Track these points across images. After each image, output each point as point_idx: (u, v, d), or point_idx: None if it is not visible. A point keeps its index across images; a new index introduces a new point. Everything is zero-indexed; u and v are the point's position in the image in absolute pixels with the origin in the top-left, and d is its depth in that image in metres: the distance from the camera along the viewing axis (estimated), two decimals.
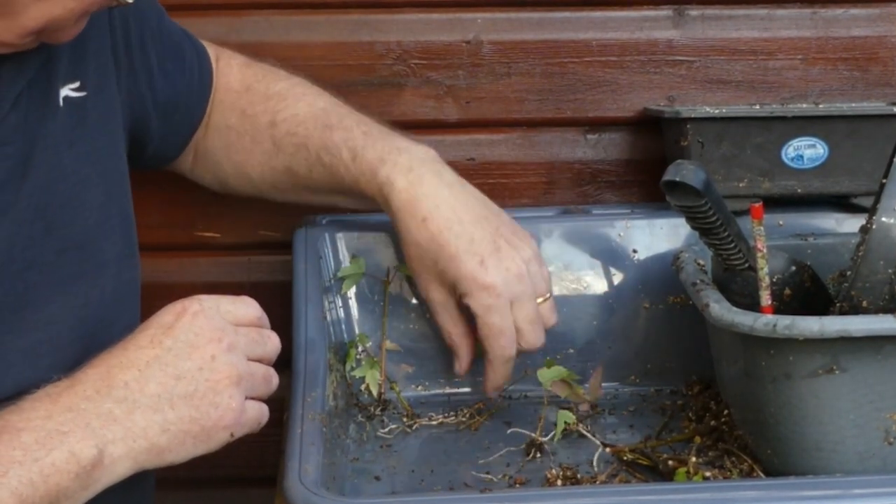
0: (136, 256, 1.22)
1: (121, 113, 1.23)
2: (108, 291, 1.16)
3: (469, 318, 1.29)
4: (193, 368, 1.04)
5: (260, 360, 1.10)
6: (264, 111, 1.36)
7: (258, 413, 1.08)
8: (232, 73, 1.39)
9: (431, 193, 1.26)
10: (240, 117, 1.37)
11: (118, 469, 0.99)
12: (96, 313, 1.14)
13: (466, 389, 1.38)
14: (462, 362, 1.32)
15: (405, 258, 1.30)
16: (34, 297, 1.09)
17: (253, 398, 1.07)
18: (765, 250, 1.15)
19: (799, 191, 1.42)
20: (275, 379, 1.11)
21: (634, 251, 1.41)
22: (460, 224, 1.25)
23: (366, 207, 1.36)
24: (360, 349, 1.37)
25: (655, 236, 1.41)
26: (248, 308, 1.11)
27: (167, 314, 1.06)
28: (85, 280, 1.13)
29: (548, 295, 1.29)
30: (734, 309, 1.10)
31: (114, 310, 1.16)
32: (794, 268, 1.23)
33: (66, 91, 1.14)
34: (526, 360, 1.38)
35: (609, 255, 1.41)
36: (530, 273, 1.26)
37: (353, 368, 1.34)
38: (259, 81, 1.38)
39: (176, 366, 1.03)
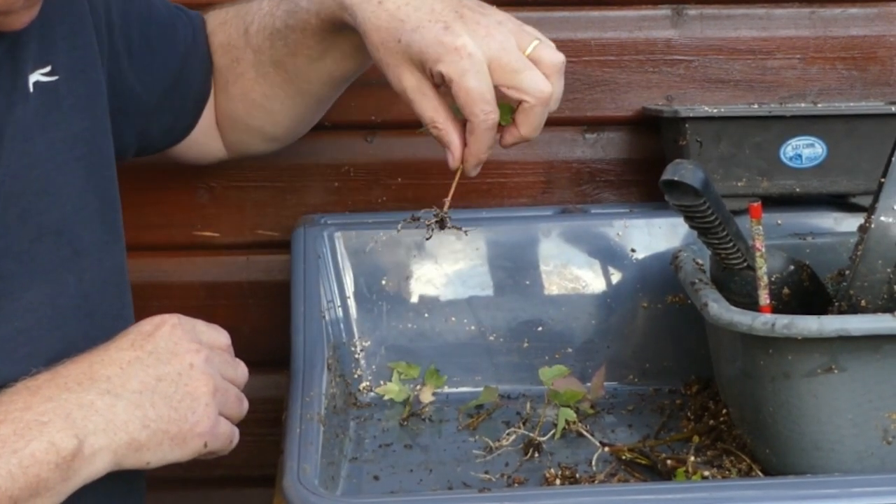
0: (119, 243, 1.21)
1: (106, 95, 1.21)
2: (88, 279, 1.14)
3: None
4: (173, 373, 1.04)
5: (231, 383, 1.10)
6: (236, 29, 1.34)
7: (230, 431, 1.08)
8: (210, 21, 1.37)
9: None
10: (223, 53, 1.35)
11: (98, 462, 0.99)
12: (75, 301, 1.13)
13: (466, 389, 1.38)
14: (454, 150, 1.19)
15: (371, 53, 1.21)
16: (10, 285, 1.08)
17: (225, 416, 1.08)
18: (763, 249, 1.15)
19: (797, 190, 1.42)
20: (245, 403, 1.11)
21: (633, 250, 1.41)
22: None
23: (359, 61, 1.30)
24: (358, 348, 1.37)
25: (654, 236, 1.41)
26: (219, 335, 1.13)
27: (146, 324, 1.08)
28: (63, 268, 1.12)
29: (535, 42, 1.16)
30: (733, 308, 1.10)
31: (95, 298, 1.15)
32: (792, 267, 1.23)
33: (36, 76, 1.12)
34: (526, 360, 1.39)
35: (607, 255, 1.41)
36: (507, 29, 1.15)
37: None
38: (229, 11, 1.36)
39: (157, 368, 1.04)
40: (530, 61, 1.15)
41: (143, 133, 1.32)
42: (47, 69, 1.13)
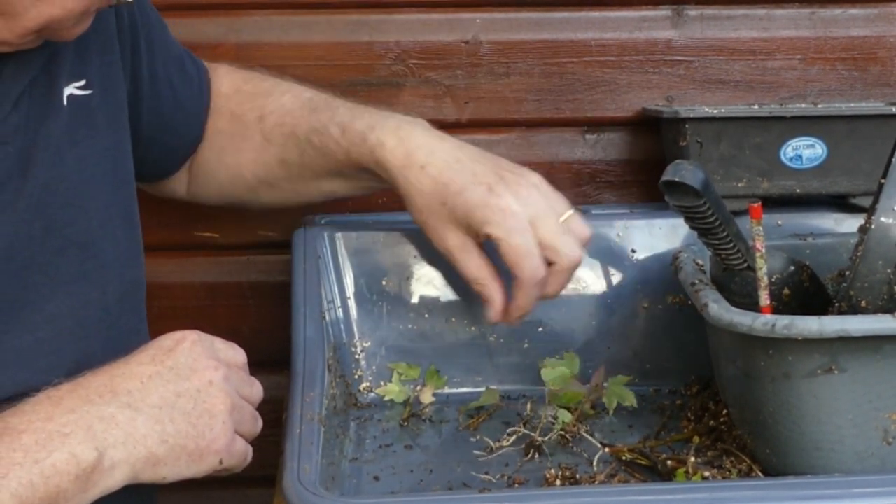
0: (139, 258, 1.23)
1: (128, 111, 1.23)
2: (110, 292, 1.16)
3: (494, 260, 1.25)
4: (192, 389, 1.05)
5: (247, 400, 1.11)
6: (252, 108, 1.36)
7: (245, 449, 1.09)
8: (220, 79, 1.39)
9: (424, 144, 1.24)
10: (229, 120, 1.37)
11: (116, 475, 0.99)
12: (97, 314, 1.14)
13: (466, 389, 1.38)
14: (495, 305, 1.26)
15: (413, 215, 1.27)
16: (34, 296, 1.09)
17: (240, 434, 1.08)
18: (763, 250, 1.15)
19: (798, 191, 1.42)
20: (259, 422, 1.12)
21: (633, 251, 1.41)
22: (459, 162, 1.23)
23: (365, 188, 1.35)
24: (358, 349, 1.37)
25: (654, 236, 1.41)
26: (236, 353, 1.13)
27: (166, 339, 1.08)
28: (85, 280, 1.14)
29: (570, 211, 1.24)
30: (733, 309, 1.10)
31: (115, 311, 1.17)
32: (792, 268, 1.23)
33: (71, 89, 1.14)
34: (526, 361, 1.39)
35: (608, 255, 1.41)
36: (543, 193, 1.23)
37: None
38: (246, 83, 1.38)
39: (176, 384, 1.04)
40: (566, 226, 1.23)
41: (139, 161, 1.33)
42: (82, 83, 1.15)
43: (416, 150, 1.24)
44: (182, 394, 1.04)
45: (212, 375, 1.06)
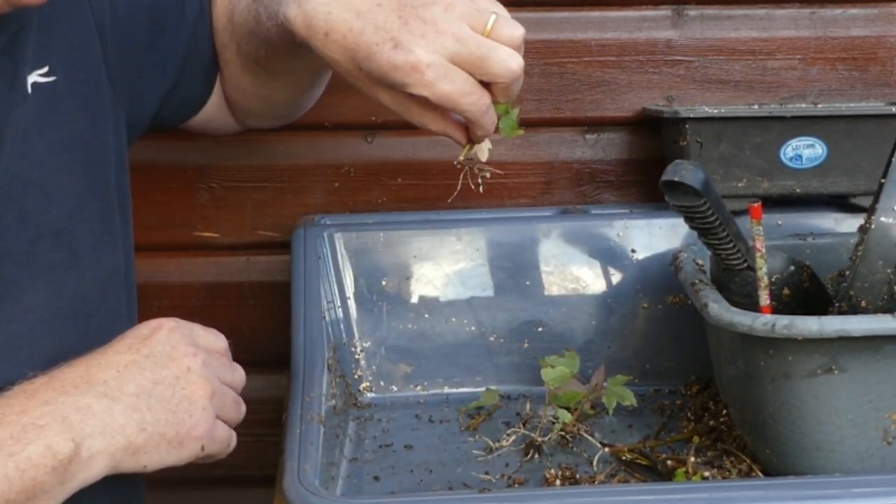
0: (117, 243, 1.20)
1: (110, 90, 1.20)
2: (88, 280, 1.14)
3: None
4: (170, 376, 1.05)
5: (229, 386, 1.10)
6: (225, 19, 1.30)
7: (227, 435, 1.08)
8: (216, 7, 1.32)
9: (320, 3, 1.12)
10: (216, 35, 1.31)
11: (95, 465, 0.99)
12: (73, 303, 1.13)
13: (466, 389, 1.38)
14: (458, 137, 1.17)
15: (343, 78, 1.17)
16: (10, 288, 1.08)
17: (222, 420, 1.08)
18: (763, 250, 1.15)
19: (798, 191, 1.42)
20: (243, 407, 1.11)
21: (633, 251, 1.41)
22: (359, 17, 1.10)
23: (322, 64, 1.24)
24: (358, 349, 1.37)
25: (654, 236, 1.41)
26: (217, 338, 1.12)
27: (143, 328, 1.08)
28: (61, 269, 1.12)
29: (492, 18, 1.10)
30: (733, 309, 1.10)
31: (94, 299, 1.15)
32: (792, 267, 1.23)
33: (34, 77, 1.12)
34: (526, 361, 1.38)
35: (608, 255, 1.41)
36: (453, 18, 1.09)
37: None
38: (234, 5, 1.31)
39: (154, 371, 1.04)
40: (491, 41, 1.10)
41: (164, 103, 1.30)
42: (45, 69, 1.13)
43: (314, 15, 1.12)
44: (160, 381, 1.04)
45: (190, 362, 1.06)
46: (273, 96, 1.35)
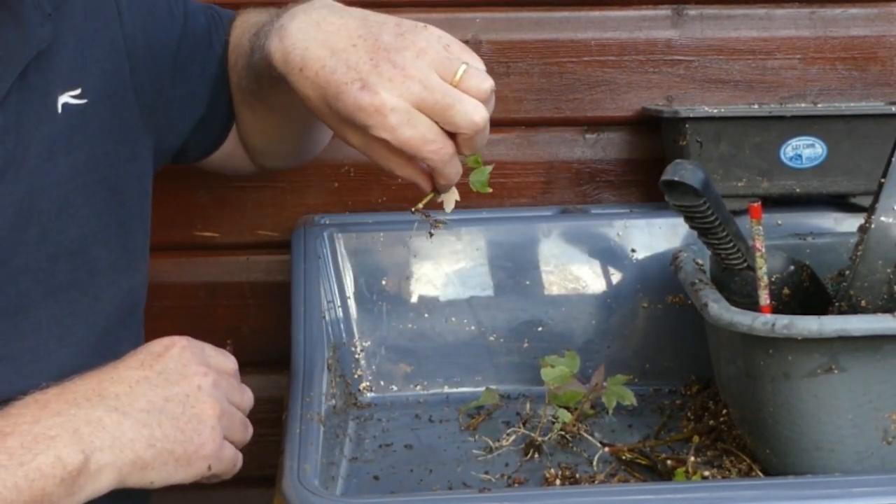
0: (136, 266, 1.22)
1: (139, 117, 1.21)
2: (104, 300, 1.16)
3: None
4: (181, 394, 1.05)
5: (237, 408, 1.11)
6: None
7: (234, 455, 1.09)
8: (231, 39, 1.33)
9: (299, 39, 1.10)
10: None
11: (102, 478, 0.99)
12: (88, 321, 1.14)
13: (466, 389, 1.38)
14: (423, 184, 1.16)
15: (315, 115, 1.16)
16: (25, 303, 1.09)
17: (230, 440, 1.08)
18: (763, 250, 1.15)
19: (797, 190, 1.42)
20: (250, 429, 1.12)
21: (633, 251, 1.41)
22: (333, 56, 1.09)
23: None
24: (358, 349, 1.37)
25: (654, 236, 1.41)
26: (227, 359, 1.13)
27: (156, 345, 1.08)
28: (76, 288, 1.13)
29: (461, 68, 1.08)
30: (733, 308, 1.10)
31: (109, 319, 1.16)
32: (792, 267, 1.23)
33: (66, 98, 1.13)
34: (526, 361, 1.38)
35: (608, 255, 1.41)
36: (426, 58, 1.08)
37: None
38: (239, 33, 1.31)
39: (165, 388, 1.05)
40: (458, 91, 1.08)
41: (192, 133, 1.31)
42: (77, 91, 1.14)
43: (291, 49, 1.10)
44: (170, 398, 1.04)
45: (201, 381, 1.06)
46: (271, 132, 1.35)
